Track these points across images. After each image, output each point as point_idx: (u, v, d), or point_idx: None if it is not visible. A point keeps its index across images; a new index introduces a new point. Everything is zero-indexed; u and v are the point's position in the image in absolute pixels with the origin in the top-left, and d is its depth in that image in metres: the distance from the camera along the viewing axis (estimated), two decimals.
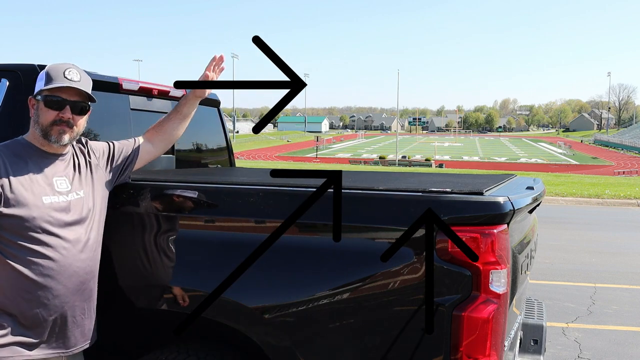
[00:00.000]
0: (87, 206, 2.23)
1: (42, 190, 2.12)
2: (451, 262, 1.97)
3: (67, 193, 2.19)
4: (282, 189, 2.27)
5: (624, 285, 7.21)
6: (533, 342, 3.14)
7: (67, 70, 2.17)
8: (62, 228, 2.13)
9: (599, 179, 26.63)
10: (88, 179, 2.29)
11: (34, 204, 2.07)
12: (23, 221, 2.05)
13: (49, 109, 2.15)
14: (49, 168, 2.19)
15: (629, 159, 62.22)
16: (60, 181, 2.19)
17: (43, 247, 2.08)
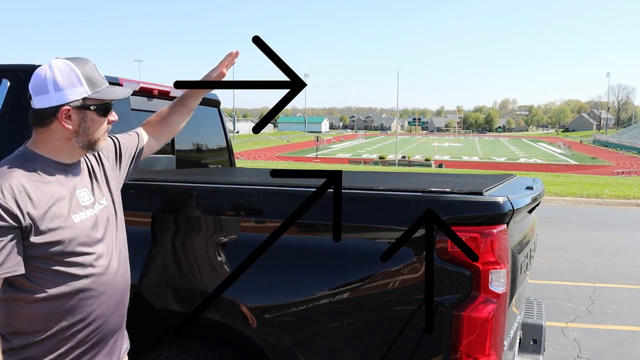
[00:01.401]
0: (112, 215, 2.02)
1: (70, 208, 1.86)
2: (451, 262, 1.98)
3: (92, 205, 1.94)
4: (282, 189, 2.28)
5: (623, 285, 7.22)
6: (532, 342, 3.15)
7: (94, 67, 1.92)
8: (97, 245, 1.91)
9: (598, 179, 26.63)
10: (104, 183, 2.06)
11: (66, 226, 1.82)
12: (57, 247, 1.80)
13: (102, 117, 1.90)
14: (69, 181, 1.91)
15: (628, 159, 62.23)
16: (83, 194, 1.93)
17: (81, 269, 1.86)
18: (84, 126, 1.86)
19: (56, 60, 1.86)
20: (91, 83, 1.86)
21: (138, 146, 2.27)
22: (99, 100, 1.87)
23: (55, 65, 1.84)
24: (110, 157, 2.14)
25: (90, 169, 2.02)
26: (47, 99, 1.82)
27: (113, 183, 2.09)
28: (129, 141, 2.25)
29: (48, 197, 1.81)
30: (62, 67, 1.83)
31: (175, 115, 2.39)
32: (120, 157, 2.18)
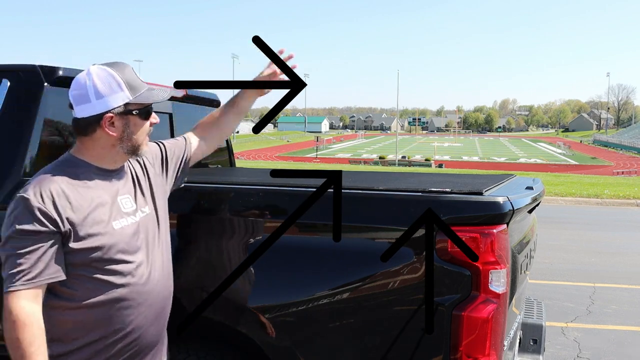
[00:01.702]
0: (154, 223, 1.97)
1: (110, 215, 1.82)
2: (451, 262, 1.98)
3: (134, 213, 1.90)
4: (282, 189, 2.28)
5: (623, 285, 7.22)
6: (532, 342, 3.15)
7: (132, 70, 1.89)
8: (137, 253, 1.86)
9: (598, 179, 26.63)
10: (148, 190, 2.00)
11: (106, 233, 1.79)
12: (97, 253, 1.77)
13: (144, 121, 1.88)
14: (111, 187, 1.88)
15: (628, 159, 62.24)
16: (125, 200, 1.89)
17: (121, 278, 1.81)
18: (128, 132, 1.84)
19: (94, 67, 1.85)
20: (131, 87, 1.83)
21: (185, 151, 2.21)
22: (140, 104, 1.84)
23: (94, 72, 1.82)
24: (156, 163, 2.09)
25: (134, 176, 1.97)
26: (90, 108, 1.80)
27: (158, 190, 2.04)
28: (175, 146, 2.19)
29: (88, 203, 1.78)
30: (100, 74, 1.81)
31: (226, 116, 2.31)
32: (166, 164, 2.13)
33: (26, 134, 2.65)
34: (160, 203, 2.02)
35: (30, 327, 1.66)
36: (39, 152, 2.68)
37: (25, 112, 2.68)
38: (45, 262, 1.69)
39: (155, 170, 2.06)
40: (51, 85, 2.74)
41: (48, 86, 2.73)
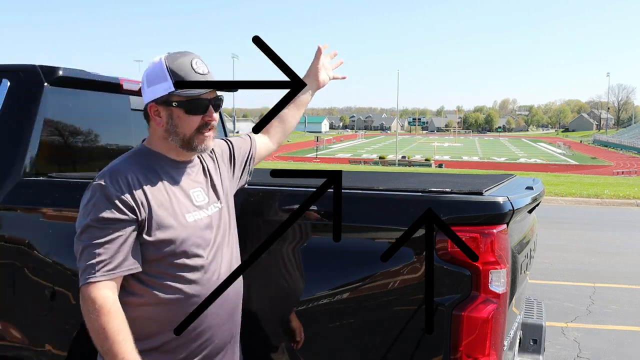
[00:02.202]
0: (225, 218, 1.91)
1: (183, 207, 1.77)
2: (451, 262, 1.98)
3: (206, 206, 1.85)
4: (282, 189, 2.28)
5: (623, 285, 7.22)
6: (532, 342, 3.15)
7: (194, 62, 1.76)
8: (209, 248, 1.81)
9: (598, 179, 26.62)
10: (220, 185, 1.95)
11: (179, 225, 1.73)
12: (170, 247, 1.71)
13: (191, 115, 1.76)
14: (184, 179, 1.83)
15: (628, 159, 62.22)
16: (197, 193, 1.84)
17: (194, 273, 1.75)
18: (172, 124, 1.76)
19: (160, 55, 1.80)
20: (177, 78, 1.72)
21: (251, 149, 2.18)
22: (183, 97, 1.73)
23: (154, 60, 1.78)
24: (225, 160, 2.06)
25: (206, 169, 1.93)
26: (144, 95, 1.79)
27: (228, 186, 2.00)
28: (242, 144, 2.16)
29: (162, 193, 1.74)
30: (157, 62, 1.76)
31: (288, 110, 2.28)
32: (233, 161, 2.10)
33: (26, 134, 2.65)
34: (230, 199, 1.98)
35: (115, 316, 1.61)
36: (39, 152, 2.69)
37: (25, 112, 2.68)
38: (124, 252, 1.65)
39: (225, 167, 2.03)
40: (51, 85, 2.75)
41: (48, 86, 2.73)
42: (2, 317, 2.53)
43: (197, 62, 1.76)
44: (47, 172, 2.71)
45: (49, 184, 2.58)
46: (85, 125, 3.01)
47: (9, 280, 2.50)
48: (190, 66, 1.73)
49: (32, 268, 2.46)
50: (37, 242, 2.48)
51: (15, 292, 2.49)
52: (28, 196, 2.56)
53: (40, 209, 2.53)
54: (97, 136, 3.09)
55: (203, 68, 1.76)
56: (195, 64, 1.74)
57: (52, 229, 2.48)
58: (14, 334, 2.51)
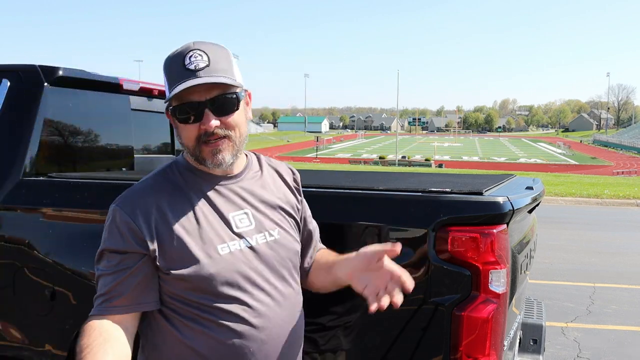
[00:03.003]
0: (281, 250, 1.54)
1: (216, 236, 1.44)
2: (451, 262, 1.97)
3: (251, 234, 1.49)
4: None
5: (623, 285, 7.21)
6: (532, 342, 3.14)
7: (188, 57, 1.40)
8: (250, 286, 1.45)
9: (598, 179, 26.61)
10: (280, 210, 1.58)
11: (206, 259, 1.41)
12: (194, 284, 1.40)
13: (185, 125, 1.43)
14: (223, 199, 1.49)
15: (628, 159, 62.21)
16: (240, 217, 1.49)
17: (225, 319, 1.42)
18: (177, 134, 1.49)
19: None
20: (169, 79, 1.43)
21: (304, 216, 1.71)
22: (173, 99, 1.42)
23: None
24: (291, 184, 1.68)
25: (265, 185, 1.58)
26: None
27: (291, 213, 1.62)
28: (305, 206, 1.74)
29: (189, 220, 1.43)
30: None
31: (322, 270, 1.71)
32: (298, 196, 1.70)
33: (26, 134, 2.65)
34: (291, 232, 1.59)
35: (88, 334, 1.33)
36: (39, 152, 2.69)
37: (25, 112, 2.68)
38: (131, 287, 1.38)
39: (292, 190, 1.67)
40: (51, 85, 2.75)
41: (48, 86, 2.73)
42: (2, 317, 2.53)
43: (193, 55, 1.40)
44: (47, 172, 2.71)
45: (49, 184, 2.58)
46: (85, 125, 3.01)
47: (9, 280, 2.50)
48: (182, 63, 1.40)
49: (32, 268, 2.46)
50: (37, 242, 2.48)
51: (15, 292, 2.49)
52: (28, 196, 2.56)
53: (40, 209, 2.52)
54: (97, 136, 3.09)
55: (198, 61, 1.40)
56: (188, 58, 1.40)
57: (52, 229, 2.48)
58: (14, 334, 2.51)
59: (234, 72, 1.46)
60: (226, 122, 1.43)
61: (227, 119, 1.43)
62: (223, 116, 1.43)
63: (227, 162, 1.45)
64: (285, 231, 1.56)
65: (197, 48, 1.42)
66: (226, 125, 1.43)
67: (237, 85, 1.45)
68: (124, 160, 3.26)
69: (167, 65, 1.44)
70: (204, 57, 1.41)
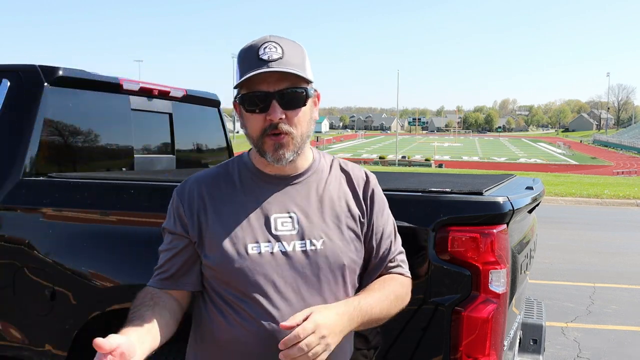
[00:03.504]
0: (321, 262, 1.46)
1: (250, 234, 1.45)
2: (451, 261, 1.97)
3: (290, 239, 1.45)
4: None
5: (623, 285, 7.22)
6: (532, 342, 3.14)
7: (262, 47, 1.41)
8: (273, 292, 1.43)
9: (598, 179, 26.62)
10: (333, 219, 1.51)
11: (234, 255, 1.43)
12: (221, 277, 1.45)
13: (251, 114, 1.43)
14: (269, 200, 1.48)
15: (628, 159, 62.22)
16: (283, 220, 1.47)
17: (244, 317, 1.43)
18: (243, 122, 1.49)
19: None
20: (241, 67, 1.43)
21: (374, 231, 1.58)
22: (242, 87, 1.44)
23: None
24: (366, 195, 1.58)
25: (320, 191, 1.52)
26: None
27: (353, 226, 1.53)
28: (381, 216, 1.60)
29: (230, 214, 1.46)
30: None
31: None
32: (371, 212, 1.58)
33: (26, 134, 2.65)
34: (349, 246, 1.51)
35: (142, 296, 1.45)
36: (39, 152, 2.69)
37: (25, 112, 2.68)
38: (177, 266, 1.48)
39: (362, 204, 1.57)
40: (51, 85, 2.75)
41: (48, 86, 2.73)
42: (2, 317, 2.53)
43: (267, 46, 1.41)
44: (47, 172, 2.71)
45: (49, 184, 2.58)
46: (85, 125, 3.01)
47: (9, 280, 2.49)
48: (256, 51, 1.41)
49: (32, 268, 2.46)
50: (37, 242, 2.48)
51: (15, 292, 2.49)
52: (28, 196, 2.56)
53: (40, 209, 2.52)
54: (97, 136, 3.09)
55: (272, 52, 1.40)
56: (262, 49, 1.40)
57: (52, 229, 2.48)
58: (14, 334, 2.51)
59: (306, 68, 1.46)
60: (291, 117, 1.43)
61: (292, 114, 1.43)
62: (290, 110, 1.42)
63: (287, 158, 1.44)
64: (333, 242, 1.49)
65: (273, 40, 1.43)
66: (290, 121, 1.43)
67: (307, 80, 1.45)
68: (124, 160, 3.26)
69: (242, 54, 1.44)
70: (279, 49, 1.41)
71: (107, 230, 2.42)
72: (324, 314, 1.33)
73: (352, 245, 1.52)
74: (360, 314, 1.43)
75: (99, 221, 2.44)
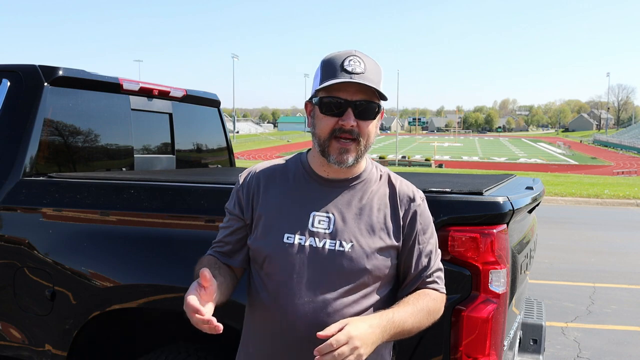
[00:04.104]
0: (346, 263, 1.58)
1: (289, 225, 1.61)
2: (451, 261, 1.97)
3: (322, 237, 1.59)
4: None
5: (623, 285, 7.22)
6: (532, 342, 3.14)
7: (348, 59, 1.56)
8: (301, 282, 1.57)
9: (598, 179, 26.63)
10: (367, 227, 1.62)
11: (272, 241, 1.60)
12: (259, 259, 1.64)
13: (325, 116, 1.57)
14: (313, 197, 1.63)
15: (628, 159, 62.24)
16: (321, 218, 1.61)
17: (266, 296, 1.62)
18: (313, 124, 1.62)
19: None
20: (325, 74, 1.57)
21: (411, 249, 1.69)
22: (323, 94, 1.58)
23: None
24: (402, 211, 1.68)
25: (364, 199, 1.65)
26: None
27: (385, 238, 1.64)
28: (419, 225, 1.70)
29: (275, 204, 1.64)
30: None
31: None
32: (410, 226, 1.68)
33: (26, 134, 2.65)
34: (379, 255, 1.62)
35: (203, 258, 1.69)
36: (39, 152, 2.69)
37: (25, 112, 2.68)
38: (231, 244, 1.70)
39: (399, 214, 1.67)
40: (51, 85, 2.75)
41: (48, 86, 2.73)
42: (2, 317, 2.53)
43: (352, 59, 1.56)
44: (47, 172, 2.71)
45: (49, 184, 2.58)
46: (85, 125, 3.01)
47: (9, 280, 2.50)
48: (341, 63, 1.56)
49: (32, 268, 2.46)
50: (37, 242, 2.48)
51: (15, 292, 2.49)
52: (28, 196, 2.56)
53: (40, 209, 2.53)
54: (97, 136, 3.09)
55: (356, 66, 1.55)
56: (348, 61, 1.56)
57: (52, 229, 2.48)
58: (14, 334, 2.51)
59: (381, 86, 1.59)
60: (361, 127, 1.58)
61: (363, 124, 1.58)
62: (361, 120, 1.57)
63: (349, 163, 1.59)
64: (361, 248, 1.60)
65: (358, 55, 1.59)
66: (360, 129, 1.58)
67: (380, 97, 1.59)
68: (124, 160, 3.26)
69: (326, 61, 1.59)
70: (362, 64, 1.57)
71: (107, 230, 2.42)
72: (358, 326, 1.44)
73: (380, 255, 1.62)
74: (393, 326, 1.53)
75: (99, 221, 2.44)
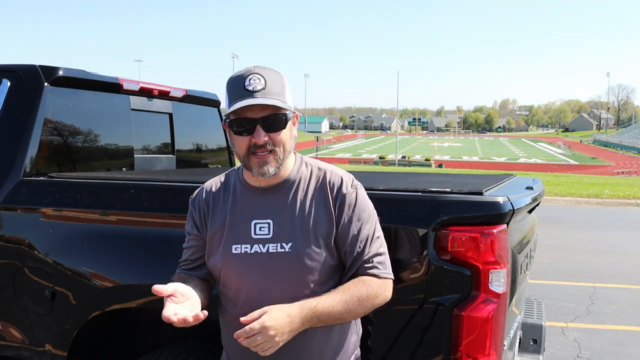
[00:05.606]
0: (294, 263, 1.69)
1: (235, 236, 1.73)
2: (451, 261, 1.98)
3: (265, 242, 1.71)
4: None
5: (623, 285, 7.22)
6: (532, 342, 3.15)
7: (248, 79, 1.65)
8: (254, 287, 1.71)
9: (598, 179, 26.63)
10: (307, 226, 1.71)
11: (221, 253, 1.73)
12: (216, 274, 1.78)
13: (238, 136, 1.68)
14: (251, 207, 1.74)
15: (628, 159, 62.23)
16: (261, 225, 1.72)
17: (229, 305, 1.78)
18: (231, 141, 1.74)
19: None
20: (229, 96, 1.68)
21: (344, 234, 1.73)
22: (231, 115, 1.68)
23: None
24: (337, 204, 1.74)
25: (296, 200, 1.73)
26: None
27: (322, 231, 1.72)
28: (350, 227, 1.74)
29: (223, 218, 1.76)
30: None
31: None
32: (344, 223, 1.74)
33: (26, 134, 2.65)
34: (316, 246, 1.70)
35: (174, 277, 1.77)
36: (39, 152, 2.69)
37: (25, 112, 2.68)
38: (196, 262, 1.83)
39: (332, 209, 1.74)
40: (51, 85, 2.75)
41: (48, 86, 2.73)
42: (2, 317, 2.53)
43: (252, 77, 1.65)
44: (47, 172, 2.71)
45: (49, 184, 2.58)
46: (85, 125, 3.01)
47: (9, 280, 2.50)
48: (242, 82, 1.65)
49: (32, 268, 2.46)
50: (37, 242, 2.48)
51: (15, 292, 2.49)
52: (28, 196, 2.56)
53: (40, 209, 2.53)
54: (97, 136, 3.09)
55: (256, 84, 1.64)
56: (248, 80, 1.65)
57: (52, 229, 2.48)
58: (14, 334, 2.51)
59: (285, 95, 1.69)
60: (273, 138, 1.67)
61: (275, 136, 1.67)
62: (272, 132, 1.67)
63: (270, 173, 1.68)
64: (300, 246, 1.70)
65: (257, 72, 1.67)
66: (274, 141, 1.67)
67: (286, 108, 1.68)
68: (124, 160, 3.26)
69: (230, 84, 1.69)
70: (262, 80, 1.65)
71: (107, 230, 2.42)
72: (274, 316, 1.55)
73: (319, 249, 1.71)
74: (315, 315, 1.61)
75: (99, 221, 2.44)
